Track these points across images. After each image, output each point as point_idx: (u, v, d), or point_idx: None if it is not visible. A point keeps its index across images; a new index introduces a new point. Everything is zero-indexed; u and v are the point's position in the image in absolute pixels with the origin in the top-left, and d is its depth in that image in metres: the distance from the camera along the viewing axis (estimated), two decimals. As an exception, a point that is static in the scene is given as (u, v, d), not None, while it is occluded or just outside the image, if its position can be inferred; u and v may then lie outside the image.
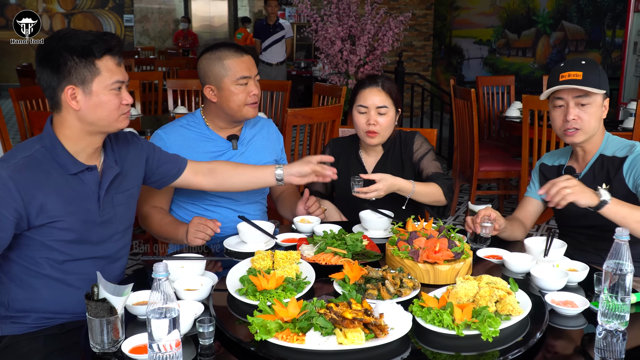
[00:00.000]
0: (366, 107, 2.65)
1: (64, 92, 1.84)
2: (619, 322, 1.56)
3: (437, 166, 2.71)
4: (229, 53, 2.49)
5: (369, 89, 2.67)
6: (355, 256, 2.08)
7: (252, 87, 2.51)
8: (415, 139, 2.75)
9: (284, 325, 1.55)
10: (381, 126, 2.64)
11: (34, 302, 1.95)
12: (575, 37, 8.28)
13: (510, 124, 5.23)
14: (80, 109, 1.86)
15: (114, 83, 1.88)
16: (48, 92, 1.87)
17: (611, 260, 1.57)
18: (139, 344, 1.53)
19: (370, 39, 7.88)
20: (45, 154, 1.87)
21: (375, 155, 2.79)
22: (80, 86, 1.84)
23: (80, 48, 1.82)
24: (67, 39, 1.83)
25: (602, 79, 2.29)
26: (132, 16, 15.72)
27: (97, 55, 1.84)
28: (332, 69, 8.10)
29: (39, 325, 1.96)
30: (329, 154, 2.81)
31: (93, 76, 1.84)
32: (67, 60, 1.81)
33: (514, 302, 1.65)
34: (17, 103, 4.49)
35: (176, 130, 2.56)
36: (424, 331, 1.59)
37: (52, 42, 1.83)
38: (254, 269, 1.89)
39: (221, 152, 2.58)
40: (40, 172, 1.85)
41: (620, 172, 2.27)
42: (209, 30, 17.06)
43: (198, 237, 2.25)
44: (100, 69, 1.85)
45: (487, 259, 2.17)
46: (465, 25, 10.51)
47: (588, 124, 2.31)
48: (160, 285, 1.38)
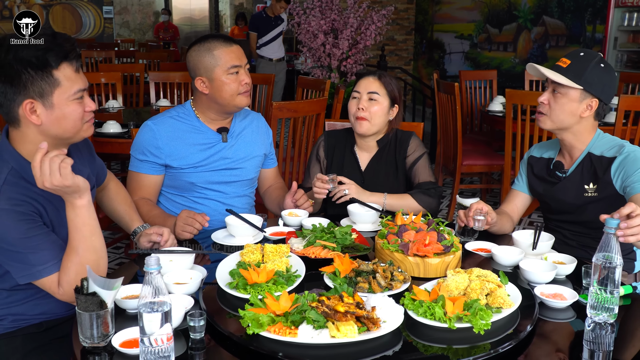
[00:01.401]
0: (359, 92, 2.71)
1: (22, 106, 1.70)
2: (608, 315, 1.58)
3: (428, 174, 2.71)
4: (218, 43, 2.48)
5: (366, 78, 2.73)
6: (344, 249, 2.08)
7: (243, 75, 2.50)
8: (410, 141, 2.76)
9: (276, 318, 1.54)
10: (369, 113, 2.66)
11: (10, 308, 1.92)
12: (556, 32, 8.34)
13: (493, 118, 5.26)
14: (42, 123, 1.73)
15: (75, 92, 1.76)
16: (3, 108, 1.73)
17: (600, 253, 1.58)
18: (129, 338, 1.52)
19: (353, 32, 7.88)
20: (16, 176, 1.77)
21: (369, 151, 2.80)
22: (40, 99, 1.71)
23: (35, 59, 1.67)
24: (17, 49, 1.68)
25: (590, 77, 2.23)
26: (112, 8, 15.53)
27: (53, 65, 1.70)
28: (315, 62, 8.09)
29: (16, 326, 1.94)
30: (324, 147, 2.84)
31: (52, 88, 1.71)
32: (21, 73, 1.67)
33: (505, 295, 1.66)
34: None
35: (166, 121, 2.54)
36: (416, 324, 1.59)
37: (1, 54, 1.67)
38: (244, 263, 1.88)
39: (211, 145, 2.57)
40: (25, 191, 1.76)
41: (608, 172, 2.26)
42: (189, 23, 16.95)
43: (186, 231, 2.25)
44: (59, 80, 1.72)
45: (475, 252, 2.17)
46: (446, 20, 10.54)
47: (554, 113, 2.29)
48: (152, 279, 1.36)
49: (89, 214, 1.76)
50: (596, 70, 2.24)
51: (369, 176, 2.77)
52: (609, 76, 2.27)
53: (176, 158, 2.51)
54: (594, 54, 2.27)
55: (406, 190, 2.70)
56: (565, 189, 2.36)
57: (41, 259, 1.72)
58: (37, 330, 1.94)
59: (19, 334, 1.93)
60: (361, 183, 2.72)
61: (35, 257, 1.72)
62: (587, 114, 2.28)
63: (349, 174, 2.74)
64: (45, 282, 1.75)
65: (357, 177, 2.75)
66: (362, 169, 2.78)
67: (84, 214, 1.74)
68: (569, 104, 2.27)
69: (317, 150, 2.88)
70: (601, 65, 2.25)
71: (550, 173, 2.42)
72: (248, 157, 2.66)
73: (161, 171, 2.52)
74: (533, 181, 2.48)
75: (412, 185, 2.73)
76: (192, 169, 2.53)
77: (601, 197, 2.27)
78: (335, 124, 3.38)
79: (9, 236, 1.70)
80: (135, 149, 2.52)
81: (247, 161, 2.66)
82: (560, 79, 2.25)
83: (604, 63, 2.27)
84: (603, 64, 2.26)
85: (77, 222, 1.74)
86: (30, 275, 1.73)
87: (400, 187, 2.74)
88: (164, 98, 5.53)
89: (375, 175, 2.76)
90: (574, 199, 2.33)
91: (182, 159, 2.51)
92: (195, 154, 2.53)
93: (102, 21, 15.44)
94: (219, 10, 16.88)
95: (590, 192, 2.29)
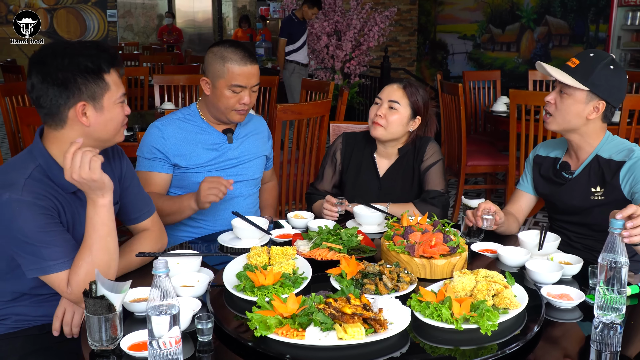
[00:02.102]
0: (380, 99, 2.69)
1: (75, 108, 1.80)
2: (615, 315, 1.57)
3: (439, 182, 2.67)
4: (234, 57, 2.47)
5: (390, 85, 2.71)
6: (350, 251, 2.08)
7: (244, 95, 2.50)
8: (427, 147, 2.72)
9: (284, 321, 1.55)
10: (386, 120, 2.64)
11: (13, 308, 1.94)
12: (559, 31, 8.34)
13: (497, 119, 5.25)
14: (90, 125, 1.82)
15: (120, 96, 1.87)
16: (50, 109, 1.80)
17: (606, 253, 1.57)
18: (137, 341, 1.53)
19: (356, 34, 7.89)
20: (41, 173, 1.82)
21: (389, 158, 2.77)
22: (92, 102, 1.81)
23: (91, 64, 1.79)
24: (72, 55, 1.78)
25: (598, 78, 2.20)
26: (116, 11, 15.59)
27: (106, 69, 1.82)
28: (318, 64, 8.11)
29: (18, 327, 1.96)
30: (341, 149, 2.82)
31: (103, 91, 1.82)
32: (77, 77, 1.78)
33: (511, 295, 1.66)
34: (3, 99, 4.46)
35: (173, 122, 2.57)
36: (423, 325, 1.60)
37: (57, 60, 1.77)
38: (251, 265, 1.89)
39: (217, 145, 2.59)
40: (48, 189, 1.81)
41: (616, 177, 2.23)
42: (192, 26, 16.98)
43: (212, 194, 2.30)
44: (109, 84, 1.83)
45: (481, 252, 2.18)
46: (449, 20, 10.54)
47: (560, 114, 2.28)
48: (160, 282, 1.37)
49: (109, 215, 1.81)
50: (604, 72, 2.21)
51: (387, 183, 2.74)
52: (618, 79, 2.23)
53: (184, 158, 2.52)
54: (604, 55, 2.24)
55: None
56: (571, 191, 2.34)
57: (53, 255, 1.75)
58: (39, 332, 1.96)
59: (21, 334, 1.94)
60: (378, 189, 2.73)
61: (48, 251, 1.74)
62: (594, 116, 2.25)
63: (366, 179, 2.74)
64: (54, 279, 1.77)
65: (374, 182, 2.75)
66: (380, 175, 2.75)
67: (104, 213, 1.78)
68: (574, 105, 2.24)
69: (333, 151, 2.83)
70: (611, 67, 2.21)
71: (557, 173, 2.41)
72: (253, 157, 2.70)
73: (170, 170, 2.54)
74: (538, 181, 2.47)
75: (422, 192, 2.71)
76: (200, 169, 2.54)
77: (608, 201, 2.24)
78: (340, 125, 3.38)
79: (26, 228, 1.73)
80: (144, 150, 2.53)
81: (252, 161, 2.68)
82: (566, 79, 2.23)
83: (614, 65, 2.23)
84: (613, 65, 2.22)
85: (96, 221, 1.78)
86: (40, 269, 1.75)
87: (416, 195, 2.73)
88: (168, 101, 5.54)
89: (393, 182, 2.73)
90: (580, 202, 2.32)
91: (190, 159, 2.53)
92: (203, 154, 2.55)
93: (106, 24, 15.49)
94: (222, 12, 16.89)
95: (597, 196, 2.28)
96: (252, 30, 13.98)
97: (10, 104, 4.53)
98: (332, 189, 2.83)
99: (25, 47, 14.58)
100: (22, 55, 13.94)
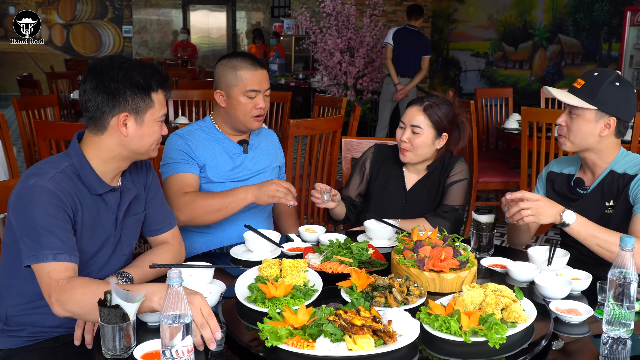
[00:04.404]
0: (404, 123, 2.69)
1: (117, 117, 1.89)
2: (624, 330, 1.58)
3: (458, 198, 2.67)
4: (244, 64, 2.56)
5: (412, 108, 2.70)
6: (360, 265, 2.10)
7: (259, 100, 2.57)
8: (456, 164, 2.73)
9: (294, 331, 1.57)
10: (411, 145, 2.65)
11: (31, 316, 1.96)
12: (571, 50, 8.35)
13: (509, 136, 5.27)
14: (128, 136, 1.91)
15: (161, 116, 1.97)
16: (95, 114, 1.90)
17: (615, 268, 1.59)
18: (150, 350, 1.55)
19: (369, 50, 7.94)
20: (73, 171, 1.90)
21: (418, 173, 2.78)
22: (134, 115, 1.91)
23: (142, 80, 1.90)
24: (127, 69, 1.89)
25: (604, 96, 2.22)
26: (131, 27, 15.79)
27: (154, 88, 1.93)
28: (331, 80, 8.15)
29: (34, 339, 1.98)
30: (371, 159, 2.86)
31: (147, 107, 1.92)
32: (127, 89, 1.88)
33: (520, 309, 1.68)
34: (20, 113, 4.53)
35: (193, 132, 2.64)
36: (432, 338, 1.61)
37: (113, 72, 1.88)
38: (262, 277, 1.91)
39: (235, 155, 2.66)
40: (74, 187, 1.88)
41: (626, 189, 2.25)
42: (207, 42, 17.13)
43: (278, 195, 2.37)
44: (154, 102, 1.94)
45: (491, 267, 2.19)
46: (462, 38, 10.59)
47: (573, 134, 2.29)
48: (173, 292, 1.40)
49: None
50: (610, 89, 2.23)
51: (413, 197, 2.76)
52: (625, 94, 2.25)
53: (209, 162, 2.59)
54: (609, 73, 2.26)
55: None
56: (585, 206, 2.34)
57: (51, 244, 1.76)
58: (54, 345, 1.98)
59: (36, 348, 1.97)
60: (404, 203, 2.75)
61: (48, 240, 1.76)
62: (607, 132, 2.26)
63: (392, 192, 2.77)
64: (44, 269, 1.74)
65: (400, 196, 2.77)
66: (407, 189, 2.77)
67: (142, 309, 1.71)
68: (585, 124, 2.26)
69: (363, 161, 2.87)
70: (616, 83, 2.24)
71: (571, 190, 2.42)
72: (268, 168, 2.76)
73: (198, 172, 2.58)
74: (553, 198, 2.47)
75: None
76: (223, 178, 2.61)
77: (617, 213, 2.26)
78: (352, 141, 3.42)
79: (38, 212, 1.77)
80: (171, 156, 2.56)
81: (266, 172, 2.74)
82: (573, 100, 2.25)
83: (619, 81, 2.25)
84: (619, 82, 2.24)
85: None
86: (35, 256, 1.76)
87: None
88: (182, 116, 5.60)
89: (418, 197, 2.75)
90: (594, 217, 2.31)
91: (214, 168, 2.60)
92: (225, 162, 2.62)
93: (121, 40, 15.68)
94: (237, 29, 17.04)
95: (609, 209, 2.29)
96: (266, 46, 14.09)
97: (27, 118, 4.60)
98: (356, 196, 2.86)
99: (41, 62, 14.79)
100: (38, 70, 14.13)
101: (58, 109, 5.14)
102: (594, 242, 2.10)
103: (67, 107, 7.38)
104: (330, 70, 8.08)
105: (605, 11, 7.78)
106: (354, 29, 7.92)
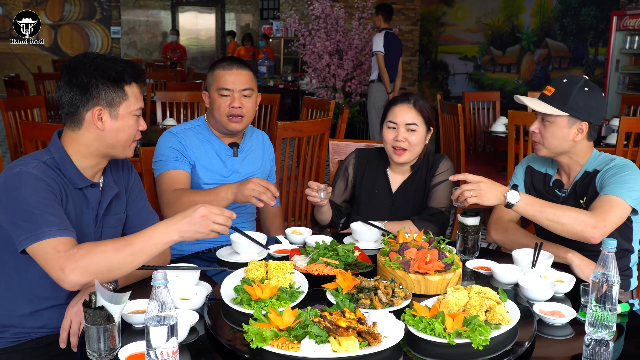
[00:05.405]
0: (396, 123, 2.65)
1: (91, 112, 1.91)
2: (606, 332, 1.60)
3: (443, 200, 2.67)
4: (222, 64, 2.63)
5: (400, 106, 2.67)
6: (347, 267, 2.11)
7: (233, 100, 2.59)
8: (441, 163, 2.72)
9: (279, 333, 1.57)
10: (410, 143, 2.64)
11: (13, 318, 1.96)
12: (558, 54, 8.41)
13: (496, 139, 5.30)
14: (104, 129, 1.93)
15: (137, 109, 1.98)
16: (70, 109, 1.93)
17: (598, 271, 1.60)
18: (135, 351, 1.55)
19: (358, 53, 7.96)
20: (54, 165, 1.92)
21: (402, 174, 2.78)
22: (108, 108, 1.93)
23: (114, 73, 1.92)
24: (99, 63, 1.92)
25: (575, 102, 2.26)
26: (120, 28, 15.73)
27: (127, 81, 1.95)
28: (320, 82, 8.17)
29: (17, 340, 1.97)
30: (354, 164, 2.83)
31: (121, 100, 1.94)
32: (99, 83, 1.90)
33: (504, 311, 1.69)
34: (6, 113, 4.51)
35: (186, 131, 2.67)
36: (416, 339, 1.62)
37: (85, 67, 1.91)
38: (248, 279, 1.91)
39: (225, 157, 2.69)
40: (57, 177, 1.90)
41: (593, 182, 2.32)
42: (196, 43, 17.09)
43: (254, 195, 2.33)
44: (128, 95, 1.95)
45: (476, 270, 2.20)
46: (450, 42, 10.63)
47: (547, 141, 2.33)
48: (159, 293, 1.40)
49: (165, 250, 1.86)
50: (580, 95, 2.27)
51: (399, 198, 2.75)
52: (595, 99, 2.29)
53: (199, 160, 2.62)
54: (577, 79, 2.31)
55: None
56: None
57: (49, 222, 1.75)
58: (37, 346, 1.98)
59: (19, 349, 1.96)
60: (391, 205, 2.75)
61: (45, 218, 1.75)
62: (580, 137, 2.32)
63: (379, 195, 2.76)
64: (47, 245, 1.72)
65: (386, 198, 2.76)
66: (393, 191, 2.77)
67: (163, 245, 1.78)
68: (559, 130, 2.31)
69: (345, 167, 2.85)
70: (585, 89, 2.28)
71: (549, 191, 2.46)
72: (257, 171, 2.78)
73: (190, 169, 2.60)
74: (530, 190, 2.51)
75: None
76: (212, 179, 2.63)
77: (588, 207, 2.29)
78: (340, 143, 3.42)
79: (28, 196, 1.77)
80: (162, 153, 2.59)
81: (257, 175, 2.74)
82: (545, 108, 2.30)
83: (588, 86, 2.29)
84: (588, 87, 2.29)
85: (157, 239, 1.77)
86: (35, 235, 1.72)
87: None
88: (170, 117, 5.59)
89: (405, 198, 2.75)
90: None
91: (204, 168, 2.62)
92: (215, 163, 2.66)
93: (109, 41, 15.62)
94: (226, 31, 17.03)
95: (583, 206, 2.33)
96: (255, 48, 14.09)
97: (14, 118, 4.58)
98: (342, 202, 2.85)
99: (28, 63, 14.71)
100: (25, 71, 14.05)
101: (45, 110, 5.13)
102: (542, 217, 2.14)
103: (54, 108, 7.34)
104: (319, 72, 8.10)
105: (591, 16, 7.84)
106: (342, 31, 7.94)
